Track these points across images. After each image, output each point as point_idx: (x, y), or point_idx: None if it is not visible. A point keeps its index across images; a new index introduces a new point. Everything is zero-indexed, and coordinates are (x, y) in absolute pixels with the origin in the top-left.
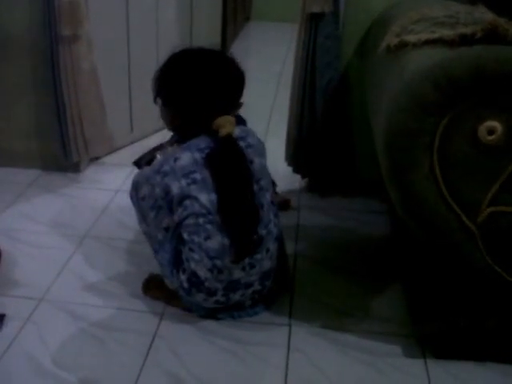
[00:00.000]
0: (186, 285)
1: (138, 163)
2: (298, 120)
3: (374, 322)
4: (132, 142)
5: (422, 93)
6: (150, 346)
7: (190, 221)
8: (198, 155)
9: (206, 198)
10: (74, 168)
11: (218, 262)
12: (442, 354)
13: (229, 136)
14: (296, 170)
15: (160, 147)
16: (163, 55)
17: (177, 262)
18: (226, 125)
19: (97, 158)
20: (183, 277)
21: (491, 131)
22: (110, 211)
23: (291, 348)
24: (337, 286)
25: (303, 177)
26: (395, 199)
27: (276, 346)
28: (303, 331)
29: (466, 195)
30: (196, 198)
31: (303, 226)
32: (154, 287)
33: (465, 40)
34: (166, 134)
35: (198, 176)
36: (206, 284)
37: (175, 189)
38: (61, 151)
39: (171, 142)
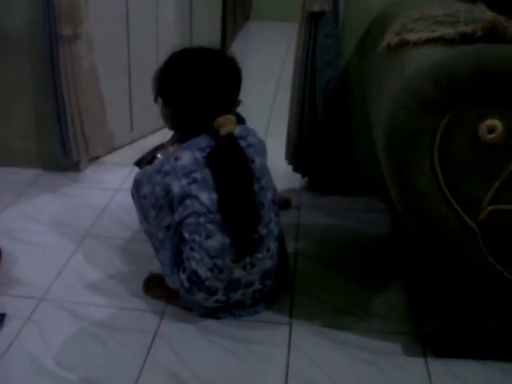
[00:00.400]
0: (186, 284)
1: (138, 163)
2: (298, 119)
3: (375, 321)
4: (132, 142)
5: (422, 91)
6: (151, 345)
7: (191, 220)
8: (198, 154)
9: (207, 197)
10: (74, 167)
11: (219, 262)
12: (443, 352)
13: (230, 135)
14: (296, 169)
15: (161, 147)
16: (163, 55)
17: (177, 261)
18: (226, 124)
19: (97, 158)
20: (184, 276)
21: (491, 130)
22: (110, 210)
23: (292, 347)
24: (337, 284)
25: (303, 176)
26: (395, 198)
27: (276, 344)
28: (304, 330)
29: (466, 194)
30: (196, 198)
31: (303, 224)
32: (154, 286)
33: (465, 38)
34: (166, 134)
35: (198, 175)
36: (207, 283)
37: (176, 188)
38: (61, 151)
39: (172, 142)
